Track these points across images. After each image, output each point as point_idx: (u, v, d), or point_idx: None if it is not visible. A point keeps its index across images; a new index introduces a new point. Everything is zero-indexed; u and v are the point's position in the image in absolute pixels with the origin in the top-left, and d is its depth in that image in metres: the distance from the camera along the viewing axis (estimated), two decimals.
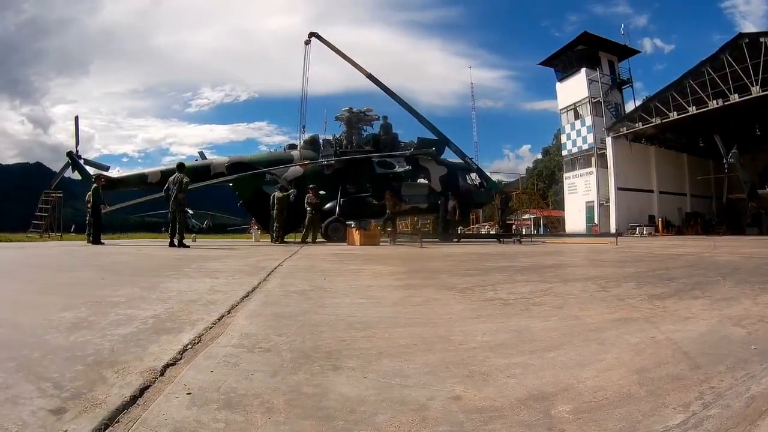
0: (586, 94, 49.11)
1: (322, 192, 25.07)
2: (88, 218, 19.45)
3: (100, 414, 1.65)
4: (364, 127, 29.48)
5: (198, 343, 2.61)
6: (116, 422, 1.61)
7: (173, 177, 17.26)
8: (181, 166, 18.19)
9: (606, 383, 1.91)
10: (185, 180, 16.75)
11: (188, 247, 15.83)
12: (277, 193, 22.20)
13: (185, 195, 16.80)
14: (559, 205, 61.42)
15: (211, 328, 2.98)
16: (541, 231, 53.68)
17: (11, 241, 22.59)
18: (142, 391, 1.88)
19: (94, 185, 19.64)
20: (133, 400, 1.79)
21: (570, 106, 51.69)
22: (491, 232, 36.70)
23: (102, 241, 18.43)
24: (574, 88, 50.57)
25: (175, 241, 15.70)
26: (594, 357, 2.29)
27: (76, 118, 30.33)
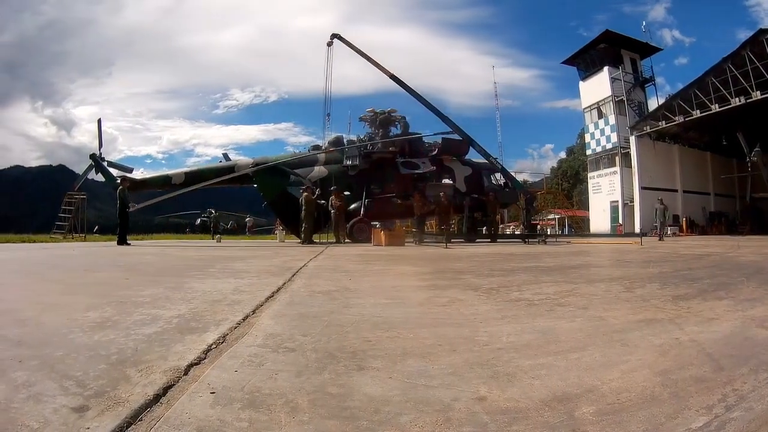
0: (609, 92, 48.76)
1: (346, 192, 25.12)
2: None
3: (123, 412, 1.65)
4: (389, 128, 29.43)
5: (222, 342, 2.60)
6: (139, 420, 1.61)
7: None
8: None
9: (630, 385, 1.89)
10: None
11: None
12: (305, 195, 22.18)
13: None
14: (584, 205, 61.07)
15: (235, 327, 2.97)
16: (566, 231, 53.45)
17: (34, 242, 22.74)
18: (166, 389, 1.87)
19: (120, 187, 19.54)
20: (157, 398, 1.78)
21: (593, 105, 51.38)
22: (516, 233, 36.60)
23: (128, 241, 18.28)
24: (597, 86, 50.27)
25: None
26: (618, 358, 2.27)
27: (99, 121, 30.59)
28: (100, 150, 29.36)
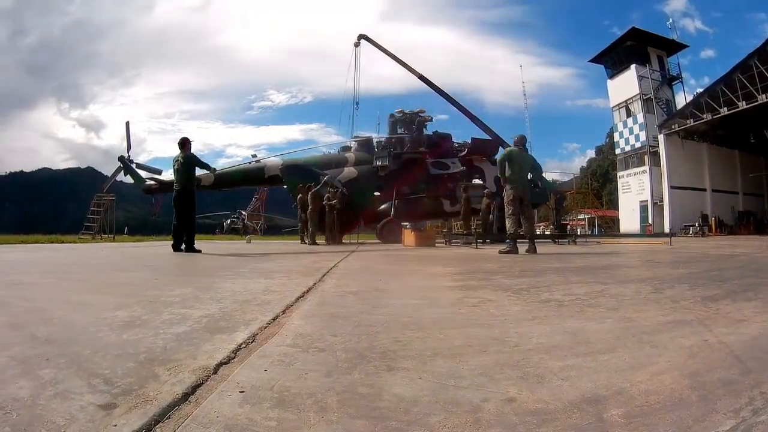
0: (637, 90, 48.87)
1: (377, 193, 25.24)
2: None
3: (151, 410, 1.64)
4: (420, 128, 29.49)
5: (252, 342, 2.60)
6: (167, 418, 1.60)
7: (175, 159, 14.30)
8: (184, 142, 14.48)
9: (658, 387, 1.85)
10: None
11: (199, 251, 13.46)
12: (311, 193, 22.23)
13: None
14: (614, 204, 60.86)
15: (265, 327, 2.97)
16: (596, 231, 53.32)
17: (63, 242, 22.96)
18: (195, 388, 1.87)
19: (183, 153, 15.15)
20: (185, 397, 1.78)
21: (621, 103, 51.39)
22: (546, 233, 36.58)
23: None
24: (625, 84, 50.30)
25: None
26: (647, 360, 2.23)
27: (127, 123, 30.95)
28: (128, 152, 29.63)
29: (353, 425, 1.54)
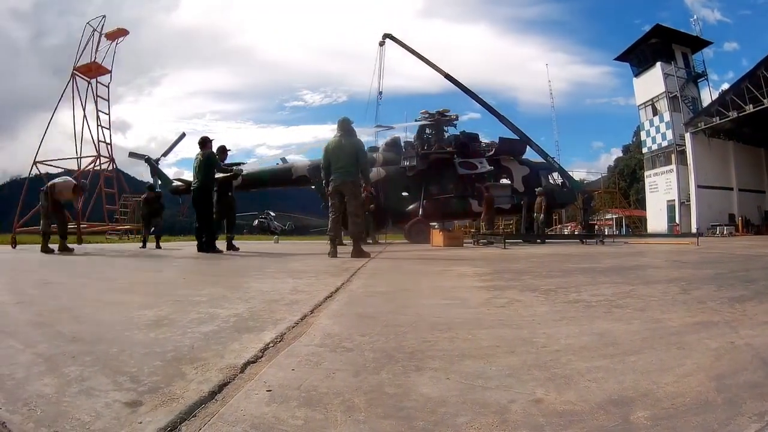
0: (662, 89, 48.45)
1: (405, 193, 25.29)
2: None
3: (177, 408, 1.64)
4: (446, 128, 29.46)
5: (280, 341, 2.60)
6: (193, 416, 1.60)
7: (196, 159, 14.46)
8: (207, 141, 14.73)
9: (685, 389, 1.83)
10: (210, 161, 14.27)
11: (220, 252, 13.72)
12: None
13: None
14: (641, 204, 60.45)
15: (293, 327, 2.97)
16: (623, 231, 53.03)
17: (90, 242, 23.14)
18: (221, 387, 1.87)
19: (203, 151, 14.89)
20: (212, 395, 1.78)
21: (648, 101, 51.01)
22: (574, 233, 36.43)
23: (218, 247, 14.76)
24: (651, 82, 49.96)
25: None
26: (674, 362, 2.21)
27: (183, 135, 31.25)
28: (161, 156, 29.88)
29: (380, 425, 1.53)
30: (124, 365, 2.14)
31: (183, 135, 32.20)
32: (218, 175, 13.84)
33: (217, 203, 15.11)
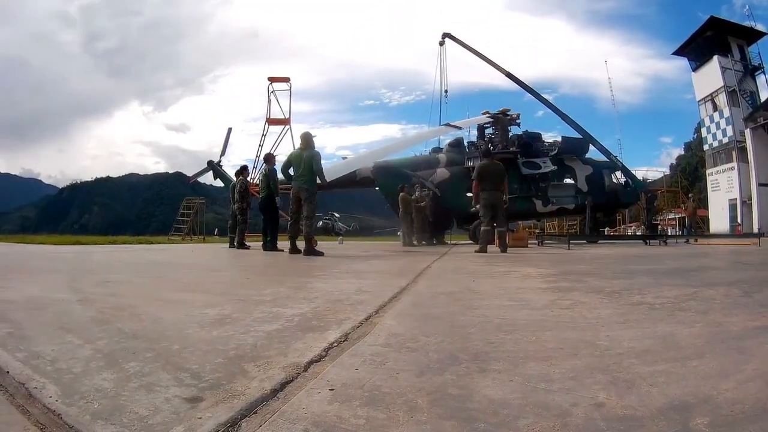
0: (720, 83, 46.95)
1: (469, 194, 25.36)
2: (230, 221, 18.27)
3: (238, 405, 1.66)
4: (509, 127, 29.35)
5: (344, 341, 2.60)
6: (254, 413, 1.61)
7: (232, 184, 18.60)
8: (243, 169, 18.90)
9: (744, 396, 1.78)
10: (242, 187, 17.92)
11: (248, 247, 16.82)
12: (401, 195, 22.54)
13: (246, 203, 17.89)
14: (704, 203, 59.42)
15: (358, 327, 2.97)
16: (686, 231, 52.29)
17: (151, 243, 23.57)
18: (284, 385, 1.88)
19: (240, 178, 18.30)
20: (274, 393, 1.79)
21: (707, 96, 49.54)
22: (637, 233, 36.05)
23: (246, 244, 17.24)
24: (709, 77, 48.41)
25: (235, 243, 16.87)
26: (735, 367, 2.15)
27: (229, 130, 31.79)
28: (221, 157, 30.25)
29: (442, 426, 1.52)
30: (186, 362, 2.17)
31: (230, 130, 32.59)
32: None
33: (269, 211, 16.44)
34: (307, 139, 13.28)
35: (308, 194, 12.75)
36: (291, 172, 12.87)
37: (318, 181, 13.02)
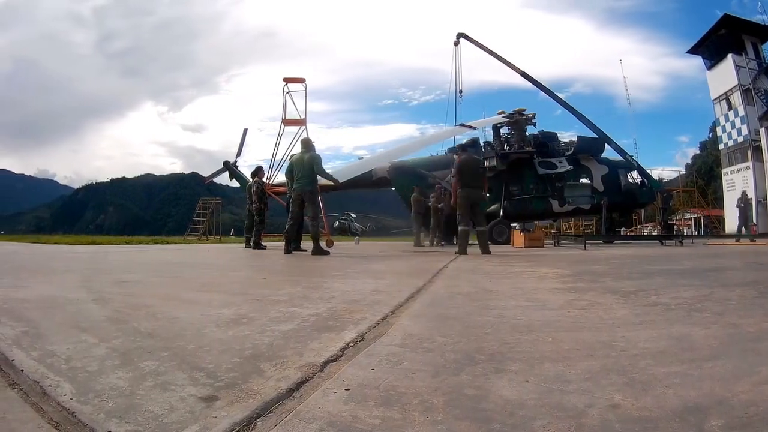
0: (735, 81, 46.64)
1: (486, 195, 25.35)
2: (246, 221, 18.50)
3: (253, 404, 1.66)
4: (525, 127, 29.30)
5: (360, 341, 2.61)
6: (269, 413, 1.61)
7: (248, 185, 19.00)
8: (258, 170, 19.14)
9: (758, 398, 1.77)
10: (258, 187, 18.26)
11: (264, 247, 17.08)
12: (413, 195, 22.79)
13: (263, 203, 18.33)
14: (719, 203, 59.03)
15: (374, 327, 2.98)
16: (702, 231, 51.88)
17: (168, 242, 23.69)
18: (299, 384, 1.88)
19: (256, 179, 18.52)
20: (289, 392, 1.79)
21: (722, 95, 49.19)
22: (653, 233, 35.95)
23: (263, 244, 17.48)
24: (723, 75, 48.15)
25: (251, 243, 17.17)
26: (749, 369, 2.13)
27: (245, 131, 31.77)
28: (237, 157, 30.35)
29: (457, 426, 1.52)
30: (201, 361, 2.17)
31: (246, 130, 32.71)
32: (323, 181, 14.98)
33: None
34: (307, 143, 13.93)
35: (311, 195, 13.24)
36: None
37: (324, 181, 13.52)
